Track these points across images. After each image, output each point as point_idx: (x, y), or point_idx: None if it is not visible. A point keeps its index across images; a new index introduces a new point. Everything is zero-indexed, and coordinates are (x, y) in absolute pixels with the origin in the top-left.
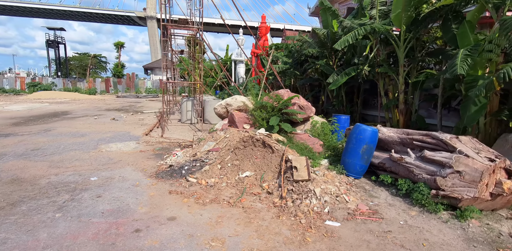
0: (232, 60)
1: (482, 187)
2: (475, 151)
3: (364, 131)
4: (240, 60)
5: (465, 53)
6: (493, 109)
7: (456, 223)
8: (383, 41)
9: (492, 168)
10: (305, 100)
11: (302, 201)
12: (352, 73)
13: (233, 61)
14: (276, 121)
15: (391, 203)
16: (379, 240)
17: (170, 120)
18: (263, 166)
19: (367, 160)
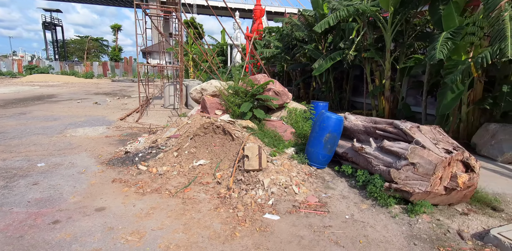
0: (228, 44)
1: (435, 181)
2: (434, 142)
3: (327, 118)
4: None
5: (447, 36)
6: (477, 97)
7: (404, 218)
8: (371, 24)
9: (447, 161)
10: (281, 86)
11: (247, 192)
12: (338, 58)
13: (229, 45)
14: (247, 107)
15: (346, 195)
16: (314, 236)
17: (154, 105)
18: (221, 154)
19: (330, 149)
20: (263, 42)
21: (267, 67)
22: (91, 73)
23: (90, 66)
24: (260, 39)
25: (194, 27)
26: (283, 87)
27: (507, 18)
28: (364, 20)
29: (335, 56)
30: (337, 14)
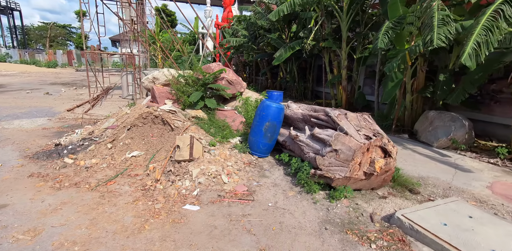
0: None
1: (354, 166)
2: (357, 128)
3: (267, 107)
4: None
5: (389, 26)
6: (419, 86)
7: (325, 204)
8: (329, 13)
9: (365, 146)
10: (234, 75)
11: (174, 183)
12: (297, 48)
13: (200, 34)
14: (197, 96)
15: (277, 183)
16: (228, 225)
17: (112, 95)
18: (158, 145)
19: (270, 138)
20: (231, 31)
21: (236, 57)
22: (54, 62)
23: (53, 54)
24: (229, 28)
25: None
26: (237, 76)
27: (436, 8)
28: (322, 9)
29: (294, 46)
30: (292, 2)
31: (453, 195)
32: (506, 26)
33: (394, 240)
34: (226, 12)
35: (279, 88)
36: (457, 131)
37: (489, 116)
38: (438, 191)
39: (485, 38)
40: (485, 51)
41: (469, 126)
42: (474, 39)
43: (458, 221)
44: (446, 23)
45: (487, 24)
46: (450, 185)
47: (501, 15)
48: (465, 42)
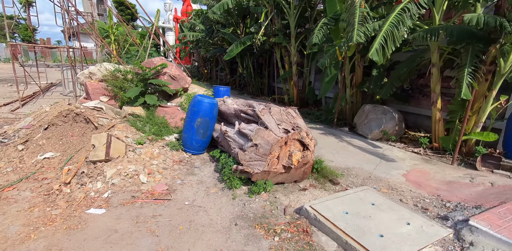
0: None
1: (272, 160)
2: (278, 123)
3: (199, 103)
4: (169, 28)
5: (324, 22)
6: (358, 81)
7: (243, 199)
8: (279, 9)
9: (283, 140)
10: (177, 70)
11: (83, 186)
12: (248, 43)
13: (160, 28)
14: (135, 92)
15: (203, 180)
16: (132, 228)
17: (53, 92)
18: (78, 145)
19: (203, 134)
20: (189, 25)
21: (196, 52)
22: None
23: None
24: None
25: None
26: (181, 71)
27: (357, 5)
28: (271, 5)
29: (245, 41)
30: None
31: (371, 184)
32: (410, 23)
33: (298, 231)
34: (185, 5)
35: (238, 84)
36: (387, 123)
37: (418, 109)
38: (358, 181)
39: (391, 35)
40: (391, 47)
41: (399, 118)
42: (381, 36)
43: (359, 209)
44: (365, 20)
45: (394, 21)
46: (371, 175)
47: (406, 13)
48: (374, 39)
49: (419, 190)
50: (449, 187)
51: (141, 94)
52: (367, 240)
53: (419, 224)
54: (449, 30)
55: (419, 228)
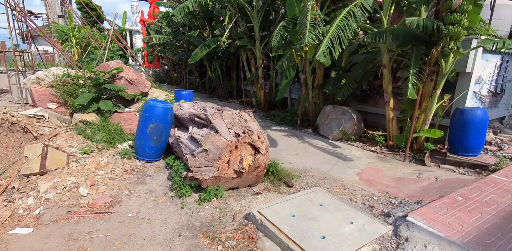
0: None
1: (222, 165)
2: (229, 126)
3: (151, 107)
4: (136, 30)
5: (283, 24)
6: (319, 82)
7: (192, 207)
8: (243, 12)
9: (233, 144)
10: (135, 74)
11: (11, 203)
12: (212, 46)
13: (127, 31)
14: (86, 98)
15: (154, 189)
16: (61, 247)
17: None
18: (13, 157)
19: (157, 141)
20: (156, 28)
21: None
22: None
23: None
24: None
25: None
26: (139, 75)
27: (310, 8)
28: (235, 8)
29: (210, 44)
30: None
31: (325, 184)
32: (355, 26)
33: (244, 238)
34: (152, 8)
35: (208, 87)
36: (346, 123)
37: (376, 108)
38: (313, 182)
39: (338, 37)
40: (338, 49)
41: (357, 118)
42: (328, 38)
43: (307, 211)
44: (316, 23)
45: (340, 25)
46: (327, 175)
47: (352, 17)
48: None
49: (370, 188)
50: (398, 183)
51: (95, 100)
52: (309, 242)
53: (361, 223)
54: (395, 33)
55: (361, 227)
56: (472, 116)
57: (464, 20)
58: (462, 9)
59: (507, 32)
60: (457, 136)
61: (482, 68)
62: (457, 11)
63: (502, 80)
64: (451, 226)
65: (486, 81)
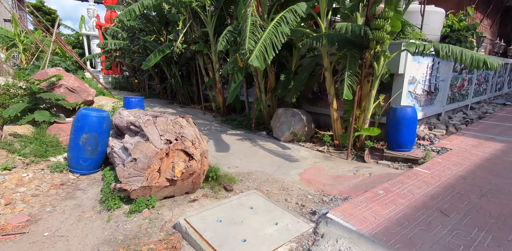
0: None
1: (152, 174)
2: (161, 133)
3: (84, 117)
4: (94, 35)
5: (230, 29)
6: (271, 86)
7: (119, 220)
8: (197, 16)
9: (163, 152)
10: (77, 81)
11: None
12: (167, 51)
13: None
14: (16, 109)
15: (82, 204)
16: None
17: None
18: None
19: (92, 152)
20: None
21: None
22: None
23: None
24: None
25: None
26: (81, 82)
27: (249, 14)
28: (189, 12)
29: (163, 49)
30: (143, 2)
31: (266, 186)
32: (288, 31)
33: (167, 249)
34: (109, 12)
35: (169, 93)
36: (296, 125)
37: (325, 109)
38: (254, 185)
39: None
40: (271, 53)
41: (307, 119)
42: (261, 43)
43: (235, 215)
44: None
45: (273, 30)
46: (270, 177)
47: (284, 22)
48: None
49: (308, 187)
50: (335, 181)
51: (30, 111)
52: (228, 247)
53: (286, 223)
54: (331, 38)
55: (284, 227)
56: (403, 114)
57: (386, 25)
58: (384, 15)
59: (438, 36)
60: (391, 132)
61: (415, 69)
62: (380, 17)
63: (435, 80)
64: (365, 219)
65: (420, 81)
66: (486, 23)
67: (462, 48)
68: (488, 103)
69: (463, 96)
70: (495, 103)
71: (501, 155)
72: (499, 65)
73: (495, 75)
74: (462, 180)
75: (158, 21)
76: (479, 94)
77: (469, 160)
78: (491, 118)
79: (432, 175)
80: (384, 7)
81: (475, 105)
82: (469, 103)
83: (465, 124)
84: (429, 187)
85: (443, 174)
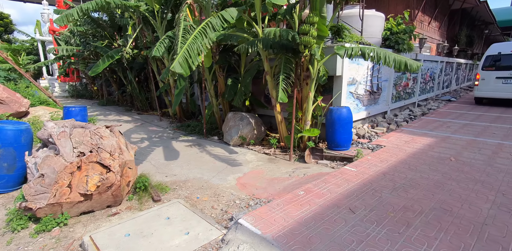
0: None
1: (62, 190)
2: (75, 146)
3: None
4: (50, 41)
5: (169, 34)
6: (222, 90)
7: (21, 242)
8: (147, 21)
9: (74, 165)
10: (8, 91)
11: None
12: (116, 56)
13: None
14: None
15: None
16: None
17: None
18: None
19: (10, 168)
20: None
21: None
22: None
23: None
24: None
25: None
26: (11, 92)
27: (182, 18)
28: (138, 17)
29: (113, 54)
30: (83, 7)
31: (198, 194)
32: (214, 36)
33: None
34: None
35: (129, 99)
36: (244, 128)
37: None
38: (186, 193)
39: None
40: (195, 59)
41: (256, 122)
42: (185, 49)
43: (147, 227)
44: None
45: (197, 35)
46: (206, 183)
47: (210, 27)
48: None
49: (241, 191)
50: (269, 184)
51: None
52: None
53: (198, 232)
54: (265, 42)
55: (194, 236)
56: (338, 115)
57: (312, 30)
58: (309, 20)
59: (379, 38)
60: (329, 132)
61: (354, 70)
62: (305, 22)
63: (377, 80)
64: (274, 222)
65: (361, 82)
66: (434, 25)
67: (386, 51)
68: (435, 100)
69: (409, 95)
70: (440, 100)
71: (427, 149)
72: (418, 67)
73: (441, 74)
74: (382, 176)
75: (110, 26)
76: (426, 92)
77: (396, 156)
78: (432, 114)
79: (357, 173)
80: (309, 13)
81: (422, 102)
82: (416, 101)
83: (407, 121)
84: (349, 184)
85: (367, 171)
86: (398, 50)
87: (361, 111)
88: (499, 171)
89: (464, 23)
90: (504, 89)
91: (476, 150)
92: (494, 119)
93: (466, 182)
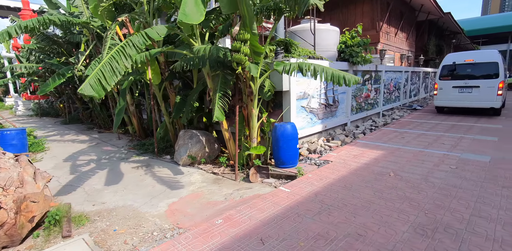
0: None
1: None
2: None
3: None
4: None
5: None
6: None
7: None
8: (100, 37)
9: None
10: None
11: None
12: (67, 74)
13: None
14: None
15: None
16: None
17: None
18: None
19: None
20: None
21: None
22: None
23: None
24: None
25: None
26: None
27: (109, 37)
28: (92, 33)
29: (64, 72)
30: (20, 24)
31: (118, 225)
32: (135, 53)
33: None
34: None
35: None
36: (193, 147)
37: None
38: (105, 225)
39: (111, 67)
40: (113, 79)
41: (208, 139)
42: (99, 69)
43: None
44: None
45: (115, 54)
46: (133, 212)
47: (130, 46)
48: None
49: (167, 220)
50: (200, 210)
51: None
52: None
53: None
54: (202, 59)
55: None
56: (282, 131)
57: (243, 47)
58: (240, 37)
59: (335, 52)
60: (275, 149)
61: (305, 85)
62: (236, 39)
63: (333, 93)
64: None
65: (314, 96)
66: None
67: (324, 67)
68: (400, 109)
69: (371, 105)
70: (406, 109)
71: (372, 163)
72: (356, 81)
73: (407, 83)
74: (314, 196)
75: (68, 42)
76: (391, 102)
77: (338, 172)
78: (393, 124)
79: (289, 194)
80: (239, 30)
81: (387, 112)
82: (380, 111)
83: (364, 133)
84: (274, 209)
85: (299, 192)
86: (353, 63)
87: (316, 125)
88: (432, 186)
89: (432, 33)
90: (460, 98)
91: (419, 163)
92: (448, 128)
93: (395, 200)
